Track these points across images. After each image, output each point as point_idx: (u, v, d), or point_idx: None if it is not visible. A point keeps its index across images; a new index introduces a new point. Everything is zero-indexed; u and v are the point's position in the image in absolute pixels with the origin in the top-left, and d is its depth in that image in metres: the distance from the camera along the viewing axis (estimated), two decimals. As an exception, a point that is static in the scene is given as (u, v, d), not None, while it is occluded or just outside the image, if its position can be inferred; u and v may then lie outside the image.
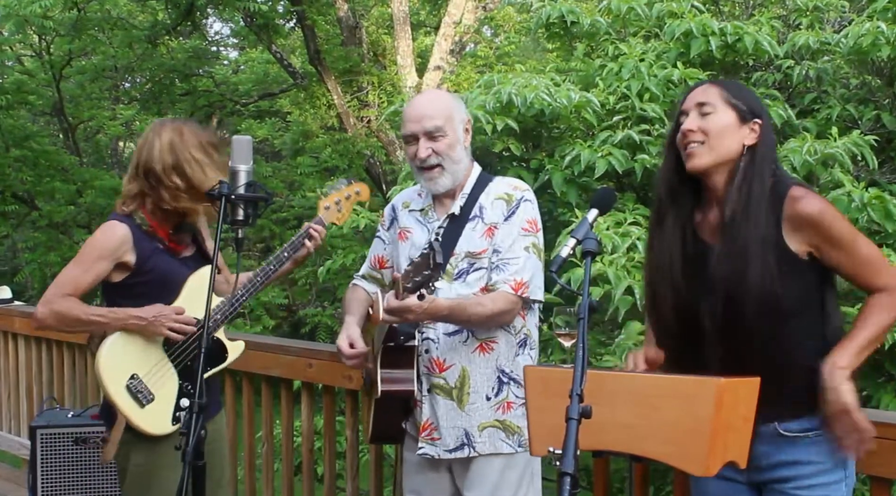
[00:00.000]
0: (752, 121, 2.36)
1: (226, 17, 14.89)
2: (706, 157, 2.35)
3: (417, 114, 2.90)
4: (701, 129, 2.35)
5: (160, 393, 3.06)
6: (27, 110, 13.84)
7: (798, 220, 2.26)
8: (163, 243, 3.12)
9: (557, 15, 5.44)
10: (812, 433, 2.28)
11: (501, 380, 2.89)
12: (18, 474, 5.67)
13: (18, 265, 14.68)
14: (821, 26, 5.37)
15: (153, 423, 3.05)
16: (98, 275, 3.07)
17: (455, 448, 2.88)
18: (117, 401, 3.04)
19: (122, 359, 3.05)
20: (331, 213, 3.28)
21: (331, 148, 13.48)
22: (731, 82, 2.48)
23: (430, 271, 2.49)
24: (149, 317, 3.02)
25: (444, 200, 2.98)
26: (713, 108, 2.36)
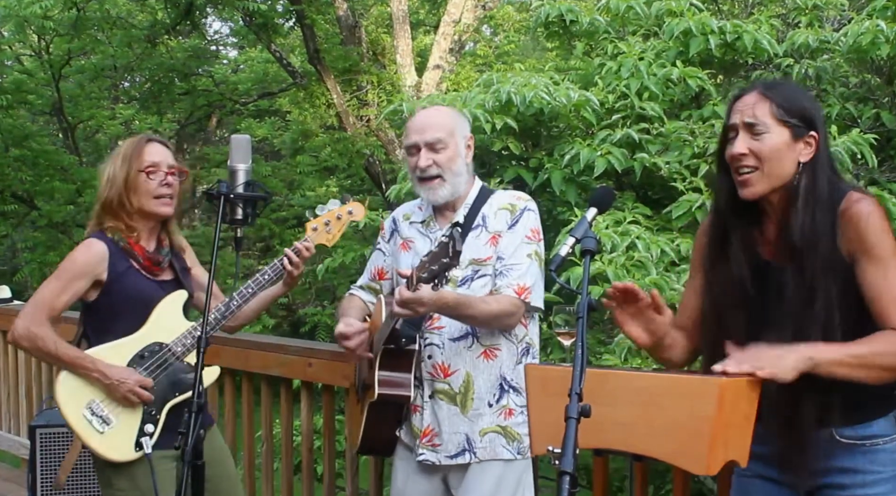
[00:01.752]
0: (807, 135, 2.20)
1: (225, 16, 14.88)
2: (761, 184, 2.20)
3: (420, 125, 2.93)
4: (753, 152, 2.19)
5: (120, 419, 3.03)
6: (26, 110, 13.83)
7: (844, 218, 2.15)
8: (137, 261, 3.10)
9: (556, 14, 5.44)
10: (869, 441, 2.21)
11: (503, 387, 2.89)
12: (18, 474, 5.67)
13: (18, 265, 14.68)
14: (820, 25, 5.36)
15: (113, 450, 3.01)
16: (75, 293, 3.07)
17: (456, 454, 2.88)
18: (75, 427, 3.03)
19: (81, 384, 3.03)
20: (319, 233, 3.20)
21: (330, 147, 13.48)
22: (781, 90, 2.25)
23: (448, 260, 2.45)
24: (113, 379, 3.00)
25: (445, 213, 3.00)
26: (765, 127, 2.18)
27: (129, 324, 3.08)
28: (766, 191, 2.21)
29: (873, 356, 2.09)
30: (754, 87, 2.26)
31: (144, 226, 3.14)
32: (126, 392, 3.00)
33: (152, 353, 3.07)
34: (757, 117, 2.20)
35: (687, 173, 4.50)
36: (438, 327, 2.88)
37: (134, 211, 3.09)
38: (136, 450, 3.00)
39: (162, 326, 3.08)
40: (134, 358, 3.06)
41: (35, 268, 13.00)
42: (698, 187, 4.37)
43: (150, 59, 13.40)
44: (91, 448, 3.04)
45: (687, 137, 4.65)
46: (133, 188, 3.07)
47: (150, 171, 3.07)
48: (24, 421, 5.64)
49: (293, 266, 3.12)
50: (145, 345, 3.08)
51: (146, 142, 3.14)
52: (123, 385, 2.99)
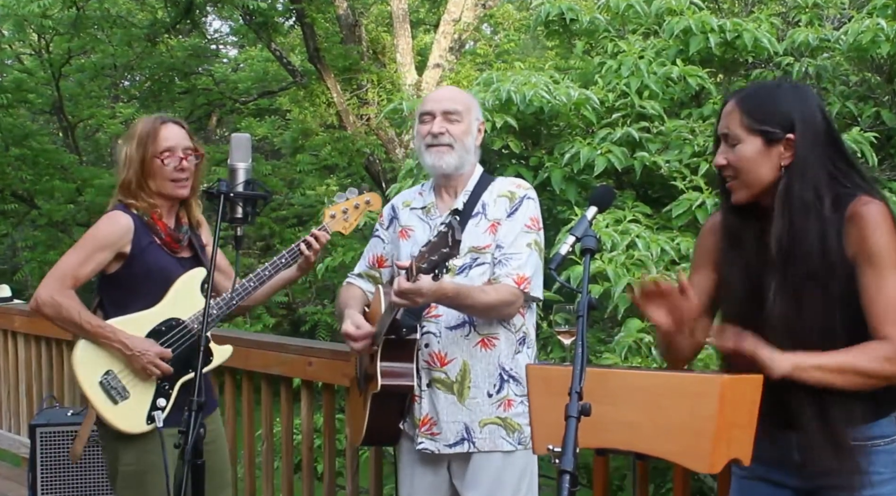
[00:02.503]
0: (784, 139, 2.19)
1: (225, 15, 14.88)
2: (742, 191, 2.24)
3: (439, 96, 2.98)
4: (730, 164, 2.24)
5: (135, 391, 3.04)
6: (27, 109, 13.84)
7: (851, 222, 2.13)
8: (160, 237, 3.12)
9: (557, 12, 5.44)
10: (870, 442, 2.20)
11: (502, 377, 2.89)
12: (18, 473, 5.67)
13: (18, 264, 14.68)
14: (820, 23, 5.36)
15: (126, 421, 3.03)
16: (99, 264, 3.07)
17: (455, 443, 2.88)
18: (89, 395, 3.04)
19: (99, 354, 3.05)
20: (336, 221, 3.24)
21: (330, 146, 13.48)
22: (755, 98, 2.26)
23: (448, 249, 2.44)
24: (134, 350, 3.02)
25: (445, 198, 3.00)
26: (736, 139, 2.22)
27: (147, 298, 3.09)
28: (748, 197, 2.25)
29: (852, 366, 2.10)
30: (733, 96, 2.29)
31: (163, 204, 3.16)
32: (146, 363, 3.01)
33: (169, 328, 3.09)
34: (729, 128, 2.24)
35: (687, 172, 4.50)
36: (435, 316, 2.88)
37: (153, 192, 3.12)
38: (147, 423, 3.02)
39: (180, 302, 3.10)
40: (151, 332, 3.08)
41: (35, 267, 13.00)
42: (698, 186, 4.37)
43: (150, 57, 13.40)
44: (103, 417, 3.05)
45: (687, 136, 4.65)
46: (150, 172, 3.09)
47: (166, 155, 3.08)
48: (24, 420, 5.64)
49: (311, 251, 3.15)
50: (163, 320, 3.10)
51: (161, 124, 3.13)
52: (144, 356, 3.01)
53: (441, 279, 2.58)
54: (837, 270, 2.15)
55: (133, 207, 3.11)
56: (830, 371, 2.09)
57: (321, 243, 3.16)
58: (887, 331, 2.10)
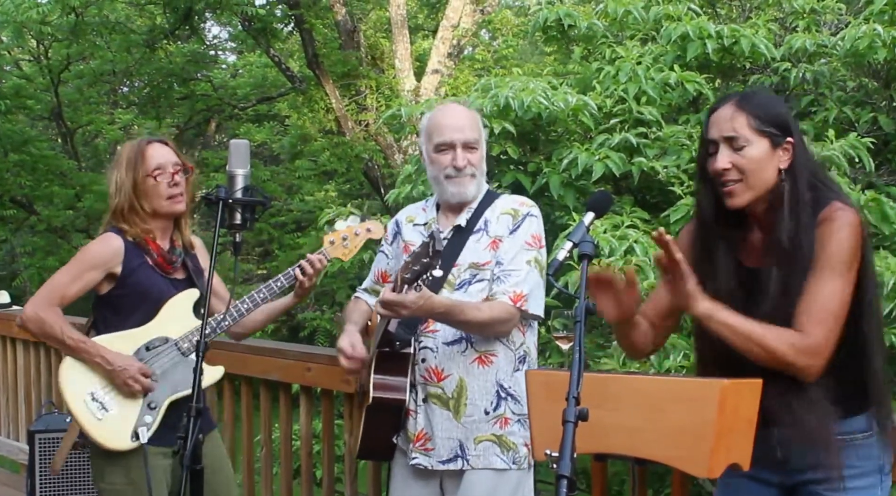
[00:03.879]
0: (784, 142, 2.25)
1: (224, 21, 14.90)
2: (746, 194, 2.25)
3: (457, 124, 2.92)
4: (736, 167, 2.24)
5: (120, 407, 3.04)
6: (25, 115, 13.84)
7: (821, 226, 2.19)
8: (152, 258, 3.12)
9: (555, 18, 5.45)
10: (848, 436, 2.24)
11: (500, 395, 2.88)
12: (17, 479, 5.66)
13: (17, 269, 14.68)
14: (817, 29, 5.38)
15: (109, 437, 3.03)
16: (88, 284, 3.10)
17: (448, 459, 2.87)
18: (74, 410, 3.05)
19: (85, 370, 3.06)
20: (335, 247, 3.21)
21: (329, 152, 13.48)
22: (756, 101, 2.29)
23: (429, 259, 2.47)
24: (115, 366, 3.02)
25: (448, 214, 2.99)
26: (745, 141, 2.23)
27: (139, 318, 3.10)
28: (750, 200, 2.26)
29: (761, 336, 2.15)
30: (729, 100, 2.30)
31: (157, 226, 3.16)
32: (127, 378, 3.01)
33: (158, 346, 3.10)
34: (736, 130, 2.24)
35: (685, 177, 4.50)
36: (432, 331, 2.87)
37: (147, 214, 3.12)
38: (132, 440, 3.00)
39: (170, 322, 3.10)
40: (139, 349, 3.08)
41: (34, 272, 13.00)
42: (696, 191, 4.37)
43: (148, 63, 13.40)
44: (88, 433, 3.05)
45: (685, 141, 4.66)
46: (143, 193, 3.10)
47: (157, 173, 3.09)
48: (23, 426, 5.64)
49: (306, 277, 3.12)
50: (151, 337, 3.10)
51: (147, 144, 3.15)
52: (125, 372, 3.01)
53: (426, 292, 2.58)
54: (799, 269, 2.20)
55: (126, 233, 3.11)
56: (735, 332, 2.15)
57: (317, 269, 3.14)
58: (806, 325, 2.15)
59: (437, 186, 2.97)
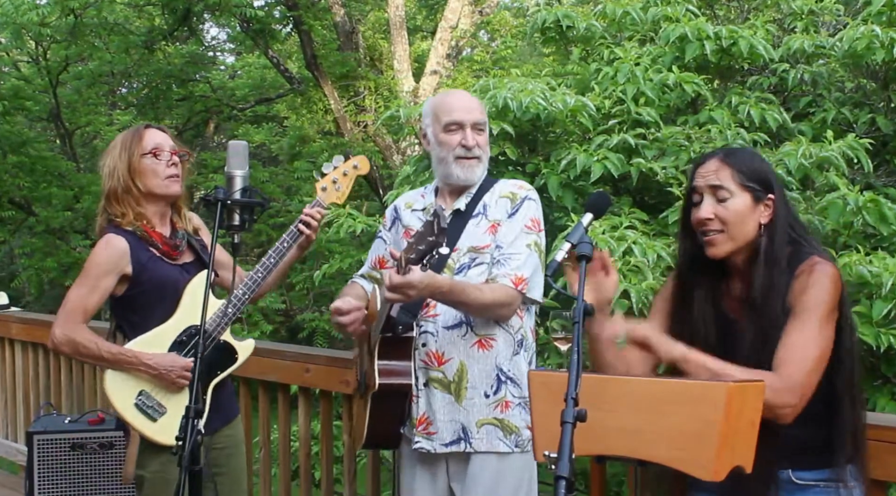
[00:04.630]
0: (766, 198, 2.32)
1: (222, 22, 14.90)
2: (726, 245, 2.32)
3: (466, 105, 2.94)
4: (718, 217, 2.31)
5: (171, 404, 3.06)
6: (24, 116, 13.83)
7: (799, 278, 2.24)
8: (157, 248, 3.12)
9: (553, 19, 5.46)
10: (822, 482, 2.29)
11: (500, 378, 2.88)
12: (15, 480, 5.66)
13: (15, 271, 14.67)
14: (816, 30, 5.38)
15: (168, 435, 2.99)
16: (105, 292, 3.09)
17: (451, 442, 2.87)
18: (127, 418, 3.05)
19: (127, 377, 3.06)
20: (328, 193, 3.21)
21: (328, 152, 13.48)
22: (741, 157, 2.39)
23: (434, 237, 2.45)
24: (160, 369, 3.03)
25: (447, 198, 2.99)
26: (729, 193, 2.31)
27: (161, 311, 3.09)
28: (730, 251, 2.33)
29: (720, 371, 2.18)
30: (714, 155, 2.39)
31: (154, 211, 3.15)
32: (176, 378, 3.03)
33: (190, 337, 3.10)
34: (721, 182, 2.32)
35: (683, 178, 4.50)
36: (433, 315, 2.88)
37: (142, 195, 3.11)
38: None
39: (194, 309, 3.08)
40: (173, 344, 3.09)
41: (32, 274, 12.99)
42: (695, 192, 4.37)
43: (147, 64, 13.41)
44: (148, 437, 3.05)
45: (683, 142, 4.66)
46: (139, 172, 3.09)
47: (156, 151, 3.10)
48: (21, 427, 5.64)
49: (310, 229, 3.14)
50: (182, 329, 3.10)
51: (144, 128, 3.15)
52: (172, 371, 3.02)
53: (429, 272, 2.58)
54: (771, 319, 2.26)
55: (123, 224, 3.10)
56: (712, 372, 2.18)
57: (318, 219, 3.15)
58: (781, 368, 2.19)
59: (442, 168, 2.95)
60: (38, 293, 14.51)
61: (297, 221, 3.14)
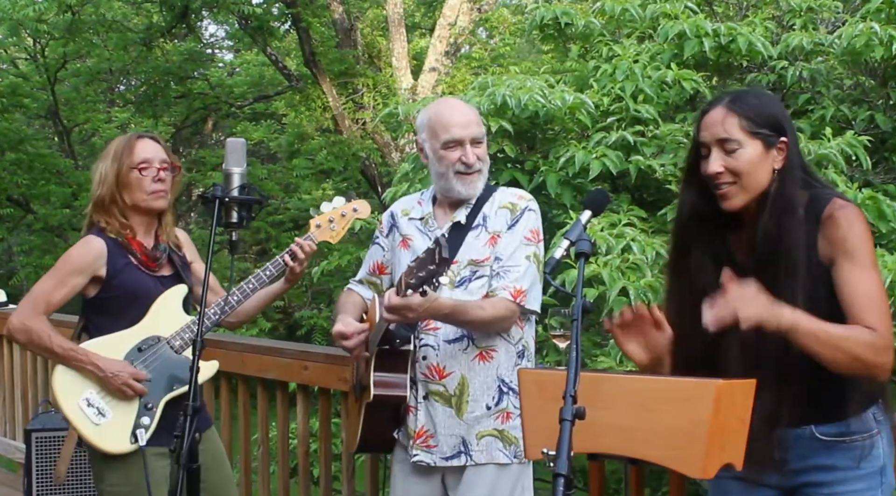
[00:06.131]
0: (778, 141, 2.21)
1: (221, 19, 14.88)
2: (740, 196, 2.21)
3: (463, 120, 2.89)
4: (729, 170, 2.20)
5: (116, 411, 3.03)
6: (22, 113, 13.83)
7: (827, 223, 2.16)
8: (135, 257, 3.10)
9: (552, 17, 5.45)
10: (848, 438, 2.21)
11: (502, 389, 2.88)
12: (13, 478, 5.66)
13: (14, 268, 14.69)
14: (814, 27, 5.38)
15: (108, 441, 3.01)
16: (72, 289, 3.07)
17: (451, 456, 2.87)
18: (70, 417, 3.04)
19: (77, 376, 3.04)
20: (322, 230, 3.19)
21: (326, 150, 13.48)
22: (748, 101, 2.24)
23: (435, 266, 2.44)
24: (107, 372, 3.00)
25: (446, 209, 2.97)
26: (738, 144, 2.19)
27: (128, 318, 3.08)
28: (746, 202, 2.22)
29: (845, 340, 2.09)
30: (720, 101, 2.26)
31: (139, 222, 3.13)
32: (120, 384, 3.00)
33: (150, 346, 3.07)
34: (728, 133, 2.20)
35: (682, 175, 4.50)
36: (434, 328, 2.87)
37: (127, 207, 3.09)
38: (131, 442, 2.98)
39: (161, 320, 3.08)
40: (131, 351, 3.06)
41: (31, 271, 12.99)
42: (693, 189, 4.37)
43: (145, 62, 13.39)
44: (86, 439, 3.04)
45: (682, 140, 4.66)
46: (125, 185, 3.07)
47: (143, 167, 3.07)
48: (19, 424, 5.64)
49: (296, 262, 3.10)
50: (143, 338, 3.08)
51: (136, 138, 3.13)
52: (117, 377, 2.99)
53: (431, 294, 2.57)
54: (813, 269, 2.17)
55: (107, 230, 3.09)
56: (821, 341, 2.08)
57: (307, 254, 3.11)
58: (869, 320, 2.11)
59: (442, 182, 2.93)
60: (37, 291, 14.48)
61: (284, 252, 3.11)
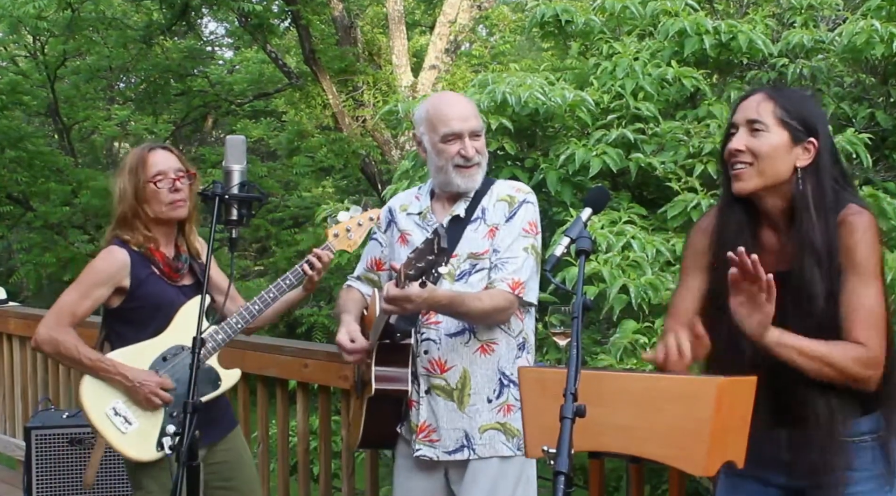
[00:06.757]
0: (806, 140, 2.23)
1: (220, 17, 14.87)
2: (753, 180, 2.23)
3: (461, 113, 2.90)
4: (749, 150, 2.22)
5: (143, 419, 3.07)
6: (22, 111, 13.82)
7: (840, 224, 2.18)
8: (158, 268, 3.13)
9: (552, 14, 5.44)
10: (858, 438, 2.23)
11: (502, 382, 2.88)
12: (13, 475, 5.66)
13: (14, 266, 14.68)
14: (815, 25, 5.37)
15: (135, 449, 3.05)
16: (97, 300, 3.12)
17: (455, 450, 2.87)
18: (98, 426, 3.07)
19: (104, 386, 3.08)
20: (340, 240, 3.23)
21: (326, 148, 13.47)
22: (787, 94, 2.30)
23: (434, 257, 2.46)
24: (134, 382, 3.04)
25: (444, 203, 2.98)
26: (765, 126, 2.22)
27: (151, 329, 3.12)
28: (757, 187, 2.24)
29: (830, 356, 2.13)
30: (762, 89, 2.32)
31: (162, 233, 3.18)
32: (147, 393, 3.04)
33: (175, 355, 3.11)
34: (760, 114, 2.24)
35: (682, 173, 4.50)
36: (435, 322, 2.87)
37: (150, 220, 3.14)
38: (157, 450, 3.03)
39: (184, 329, 3.09)
40: (156, 360, 3.10)
41: (31, 269, 12.99)
42: (693, 187, 4.38)
43: (145, 59, 13.38)
44: (114, 447, 3.08)
45: (682, 137, 4.65)
46: (144, 198, 3.11)
47: (158, 179, 3.10)
48: (19, 422, 5.64)
49: (314, 271, 3.15)
50: (168, 347, 3.12)
51: (149, 151, 3.16)
52: (144, 387, 3.04)
53: (429, 285, 2.58)
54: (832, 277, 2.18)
55: (130, 243, 3.12)
56: (807, 356, 2.12)
57: (325, 263, 3.16)
58: (862, 336, 2.14)
59: (441, 176, 2.93)
60: (37, 288, 14.50)
61: (303, 261, 3.16)
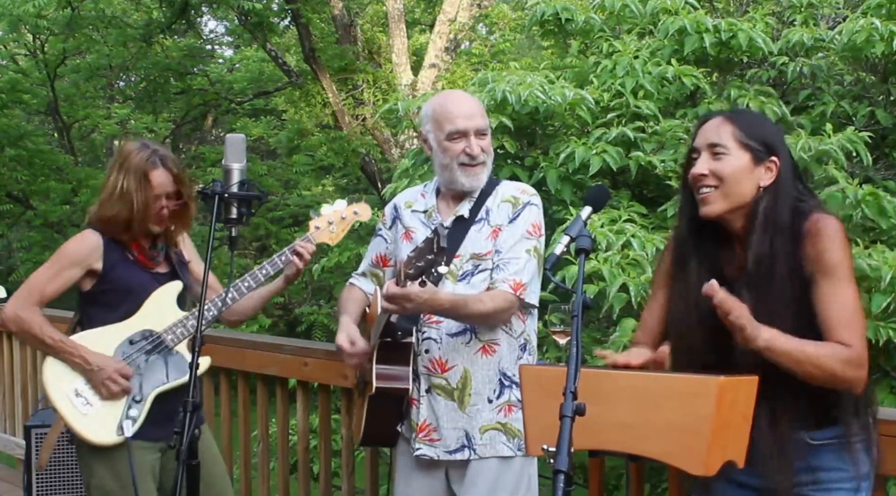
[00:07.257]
0: (767, 160, 2.27)
1: (220, 15, 14.87)
2: (719, 203, 2.26)
3: (468, 111, 2.89)
4: (713, 173, 2.26)
5: (105, 402, 3.04)
6: (22, 109, 13.83)
7: (808, 237, 2.20)
8: (132, 254, 3.13)
9: (552, 12, 5.44)
10: (837, 440, 2.26)
11: (503, 382, 2.88)
12: (14, 474, 5.66)
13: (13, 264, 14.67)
14: (815, 23, 5.36)
15: (95, 431, 3.03)
16: (67, 281, 3.10)
17: (455, 449, 2.87)
18: (58, 406, 3.06)
19: (69, 367, 3.07)
20: (321, 232, 3.21)
21: (326, 146, 13.48)
22: (745, 117, 2.36)
23: (433, 256, 2.46)
24: (93, 365, 3.03)
25: (449, 202, 2.97)
26: (726, 149, 2.26)
27: (121, 312, 3.11)
28: (723, 210, 2.28)
29: (819, 358, 2.14)
30: (719, 113, 2.36)
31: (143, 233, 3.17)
32: (104, 379, 3.02)
33: (143, 338, 3.10)
34: (720, 138, 2.28)
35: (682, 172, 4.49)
36: (436, 321, 2.87)
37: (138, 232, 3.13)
38: (117, 434, 3.00)
39: (154, 315, 3.11)
40: (122, 343, 3.09)
41: (31, 267, 12.97)
42: (693, 186, 4.37)
43: (145, 58, 13.39)
44: (73, 429, 3.06)
45: (682, 136, 4.65)
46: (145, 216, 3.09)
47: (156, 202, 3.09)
48: (19, 421, 5.64)
49: (302, 261, 3.13)
50: (135, 331, 3.10)
51: (152, 168, 3.08)
52: (102, 372, 3.02)
53: (431, 287, 2.58)
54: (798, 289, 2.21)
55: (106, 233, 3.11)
56: (794, 359, 2.14)
57: (306, 255, 3.14)
58: (844, 336, 2.16)
59: (447, 174, 2.93)
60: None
61: (286, 250, 3.14)
